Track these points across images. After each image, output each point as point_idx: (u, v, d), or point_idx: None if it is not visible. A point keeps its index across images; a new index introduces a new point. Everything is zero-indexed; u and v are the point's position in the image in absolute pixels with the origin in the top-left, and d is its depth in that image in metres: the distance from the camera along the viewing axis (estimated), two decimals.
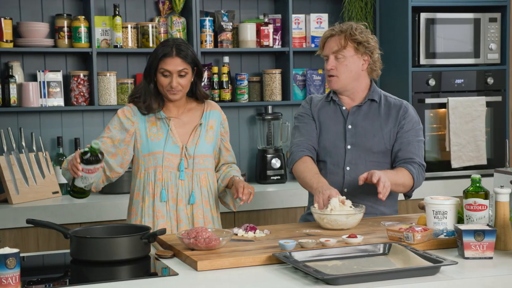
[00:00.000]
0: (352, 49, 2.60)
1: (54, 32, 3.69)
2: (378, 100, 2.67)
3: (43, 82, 3.64)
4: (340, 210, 2.38)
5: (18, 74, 3.63)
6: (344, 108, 2.68)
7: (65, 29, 3.65)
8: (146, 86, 2.53)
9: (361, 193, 2.60)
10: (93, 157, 2.25)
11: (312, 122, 2.70)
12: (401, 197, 2.86)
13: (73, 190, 2.37)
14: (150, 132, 2.53)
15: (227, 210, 3.58)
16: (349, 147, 2.63)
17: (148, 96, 2.52)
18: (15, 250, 1.77)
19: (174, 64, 2.47)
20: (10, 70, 3.59)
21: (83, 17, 3.66)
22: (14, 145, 3.54)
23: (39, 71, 3.65)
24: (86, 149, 2.27)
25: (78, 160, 2.25)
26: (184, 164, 2.53)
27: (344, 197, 2.43)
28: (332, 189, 2.44)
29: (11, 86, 3.55)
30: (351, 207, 2.41)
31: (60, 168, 3.64)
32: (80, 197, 2.40)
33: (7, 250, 1.77)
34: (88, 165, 2.26)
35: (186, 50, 2.49)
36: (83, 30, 3.64)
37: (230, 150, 2.71)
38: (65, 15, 3.69)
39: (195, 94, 2.60)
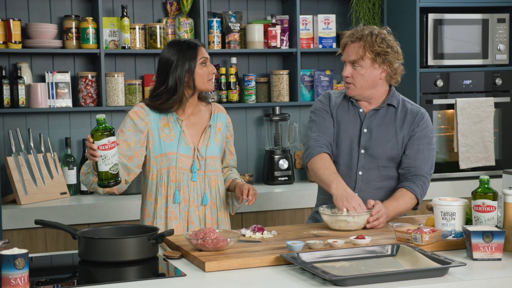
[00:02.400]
0: (369, 60, 2.54)
1: (62, 33, 3.70)
2: (396, 105, 2.63)
3: (52, 83, 3.65)
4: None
5: (26, 75, 3.65)
6: (361, 110, 2.64)
7: (73, 30, 3.67)
8: (185, 85, 2.49)
9: (372, 198, 2.58)
10: (102, 130, 2.16)
11: (330, 118, 2.66)
12: None
13: (100, 180, 2.22)
14: (162, 133, 2.52)
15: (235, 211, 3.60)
16: (362, 151, 2.60)
17: (188, 92, 2.51)
18: (24, 251, 1.78)
19: (206, 51, 2.54)
20: (19, 71, 3.61)
21: (91, 18, 3.68)
22: (22, 146, 3.55)
23: (47, 72, 3.67)
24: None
25: (91, 140, 2.17)
26: (197, 166, 2.53)
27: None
28: (357, 198, 2.42)
29: (19, 87, 3.57)
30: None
31: (69, 169, 3.66)
32: (112, 185, 2.23)
33: (15, 250, 1.77)
34: (102, 140, 2.16)
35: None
36: (91, 31, 3.65)
37: (234, 154, 2.73)
38: (73, 16, 3.70)
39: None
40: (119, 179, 2.24)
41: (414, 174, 2.57)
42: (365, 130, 2.62)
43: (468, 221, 2.27)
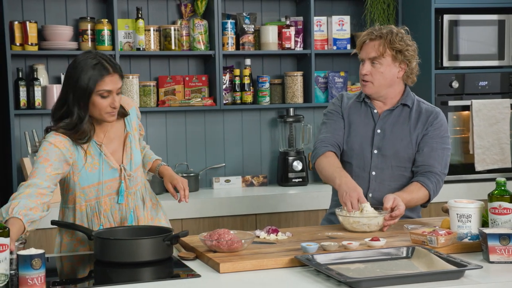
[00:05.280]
0: (390, 57, 2.54)
1: (78, 35, 3.73)
2: (410, 105, 2.62)
3: None
4: (366, 211, 2.37)
5: (42, 76, 3.67)
6: (375, 111, 2.63)
7: (89, 32, 3.69)
8: (81, 115, 2.24)
9: None
10: None
11: (340, 120, 2.66)
12: None
13: None
14: (86, 163, 2.30)
15: (248, 213, 3.60)
16: (375, 151, 2.60)
17: (86, 124, 2.25)
18: (41, 251, 1.79)
19: (114, 82, 2.23)
20: (35, 72, 3.64)
21: (106, 20, 3.70)
22: (38, 147, 3.57)
23: (63, 74, 3.69)
24: None
25: None
26: (124, 187, 2.35)
27: (368, 203, 2.41)
28: (357, 189, 2.41)
29: (35, 88, 3.60)
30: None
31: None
32: None
33: (32, 251, 1.79)
34: None
35: (118, 64, 2.29)
36: (106, 33, 3.67)
37: (143, 134, 2.54)
38: (88, 18, 3.72)
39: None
40: None
41: (428, 171, 2.56)
42: (378, 131, 2.61)
43: (484, 223, 2.25)
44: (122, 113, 2.38)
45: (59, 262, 2.24)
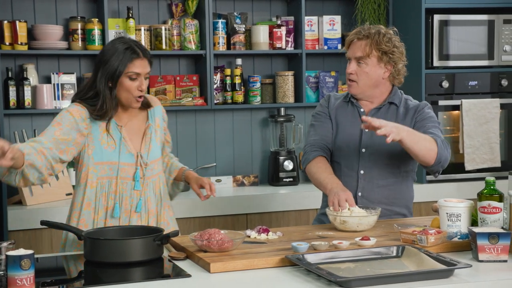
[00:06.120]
0: (375, 58, 2.55)
1: (68, 34, 3.71)
2: (398, 104, 2.63)
3: (57, 84, 3.66)
4: (355, 212, 2.38)
5: (32, 76, 3.66)
6: (362, 110, 2.65)
7: (79, 31, 3.68)
8: (107, 92, 2.34)
9: (376, 197, 2.59)
10: None
11: (328, 121, 2.68)
12: (415, 199, 2.83)
13: None
14: (102, 139, 2.36)
15: (238, 212, 3.61)
16: (363, 150, 2.61)
17: (109, 103, 2.34)
18: (30, 252, 1.78)
19: (143, 66, 2.36)
20: (25, 72, 3.62)
21: (97, 19, 3.69)
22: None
23: (53, 74, 3.68)
24: None
25: None
26: (140, 174, 2.39)
27: (356, 206, 2.41)
28: (347, 192, 2.43)
29: (25, 88, 3.58)
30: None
31: (74, 170, 3.66)
32: None
33: (21, 251, 1.78)
34: None
35: (148, 50, 2.41)
36: (96, 32, 3.66)
37: (170, 142, 2.62)
38: (79, 17, 3.71)
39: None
40: None
41: (429, 134, 2.49)
42: (366, 130, 2.62)
43: (474, 222, 2.26)
44: (146, 104, 2.46)
45: (49, 263, 2.23)
